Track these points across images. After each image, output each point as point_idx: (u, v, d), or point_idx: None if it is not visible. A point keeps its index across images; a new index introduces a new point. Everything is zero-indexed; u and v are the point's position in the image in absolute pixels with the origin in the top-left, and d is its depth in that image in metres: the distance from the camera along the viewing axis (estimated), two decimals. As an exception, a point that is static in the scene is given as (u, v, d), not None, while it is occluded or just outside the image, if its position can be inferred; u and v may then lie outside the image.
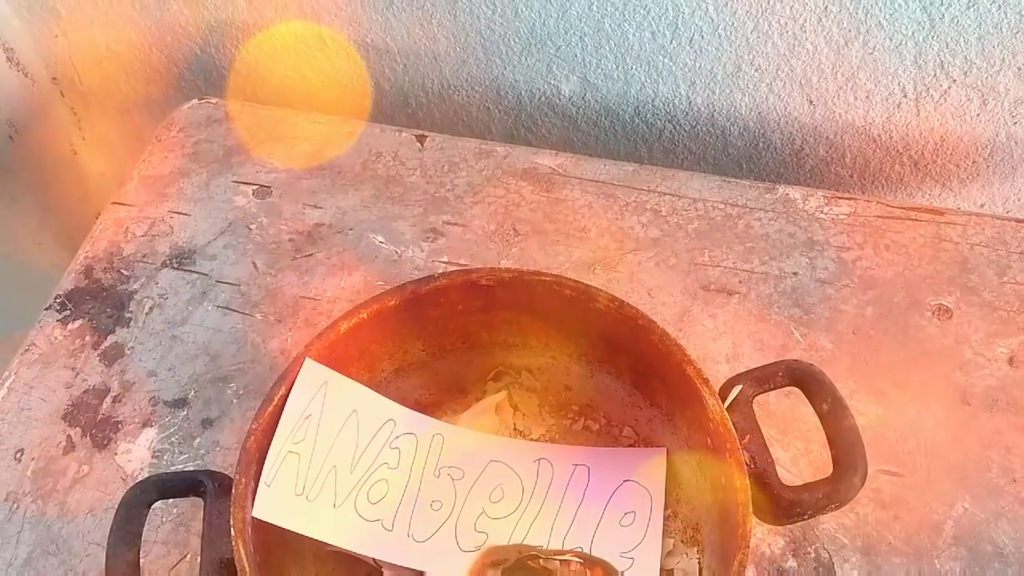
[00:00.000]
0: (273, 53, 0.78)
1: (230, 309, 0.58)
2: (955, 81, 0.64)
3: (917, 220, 0.61)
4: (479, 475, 0.50)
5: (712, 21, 0.65)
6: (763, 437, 0.43)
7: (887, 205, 0.62)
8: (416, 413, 0.50)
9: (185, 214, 0.63)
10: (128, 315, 0.58)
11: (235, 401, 0.55)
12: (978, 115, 0.66)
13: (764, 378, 0.44)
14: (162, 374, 0.56)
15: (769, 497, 0.41)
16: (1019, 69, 0.61)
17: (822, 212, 0.62)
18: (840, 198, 0.63)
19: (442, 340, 0.51)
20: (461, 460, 0.50)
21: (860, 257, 0.60)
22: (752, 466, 0.42)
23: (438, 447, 0.50)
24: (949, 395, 0.54)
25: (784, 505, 0.41)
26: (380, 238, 0.62)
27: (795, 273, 0.59)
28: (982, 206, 0.73)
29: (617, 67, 0.71)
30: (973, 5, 0.58)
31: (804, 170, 0.75)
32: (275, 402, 0.43)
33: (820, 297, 0.58)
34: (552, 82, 0.74)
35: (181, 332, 0.57)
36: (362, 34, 0.74)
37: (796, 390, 0.45)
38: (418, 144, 0.67)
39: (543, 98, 0.75)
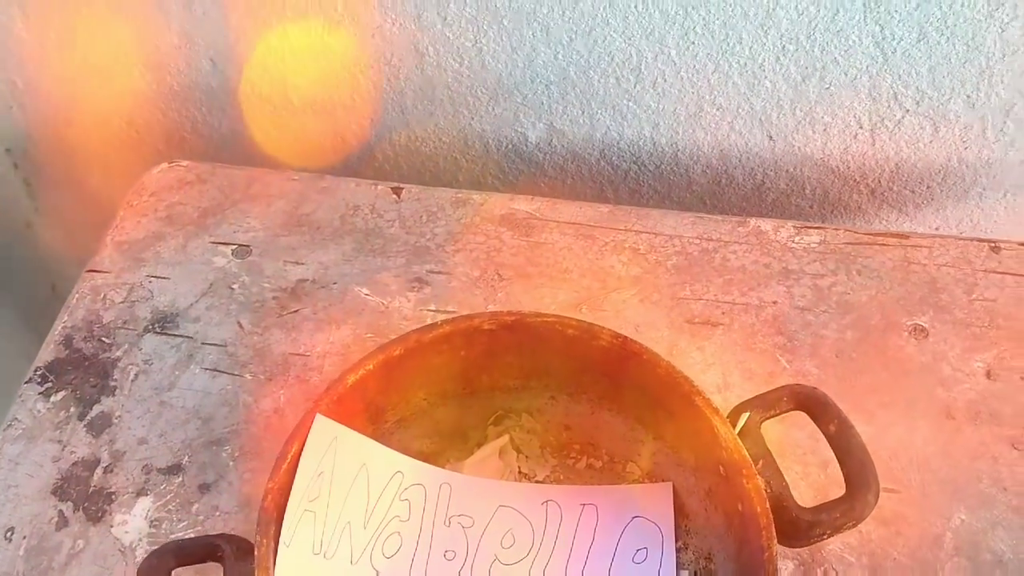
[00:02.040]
0: (236, 115, 0.78)
1: (218, 371, 0.58)
2: (908, 111, 0.67)
3: (884, 245, 0.64)
4: (489, 521, 0.50)
5: (674, 64, 0.67)
6: (775, 462, 0.44)
7: (855, 232, 0.65)
8: (423, 463, 0.50)
9: (164, 278, 0.62)
10: (113, 383, 0.57)
11: (231, 464, 0.54)
12: (931, 142, 0.69)
13: (769, 404, 0.45)
14: (153, 441, 0.54)
15: (788, 520, 0.42)
16: (968, 97, 0.65)
17: (793, 242, 0.64)
18: (809, 227, 0.65)
19: (444, 387, 0.51)
20: (470, 508, 0.50)
21: (835, 283, 0.62)
22: (769, 491, 0.42)
23: (446, 496, 0.50)
24: (934, 411, 0.55)
25: (803, 527, 0.42)
26: (365, 290, 0.62)
27: (774, 302, 0.61)
28: (936, 229, 0.76)
29: (582, 113, 0.72)
30: (923, 38, 0.61)
31: (766, 203, 0.77)
32: (289, 460, 0.43)
33: (801, 324, 0.60)
34: (519, 130, 0.75)
35: (169, 397, 0.56)
36: (329, 92, 0.75)
37: (790, 415, 0.46)
38: (395, 196, 0.67)
39: (510, 146, 0.76)
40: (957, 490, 0.52)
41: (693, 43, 0.65)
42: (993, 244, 0.63)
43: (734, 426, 0.45)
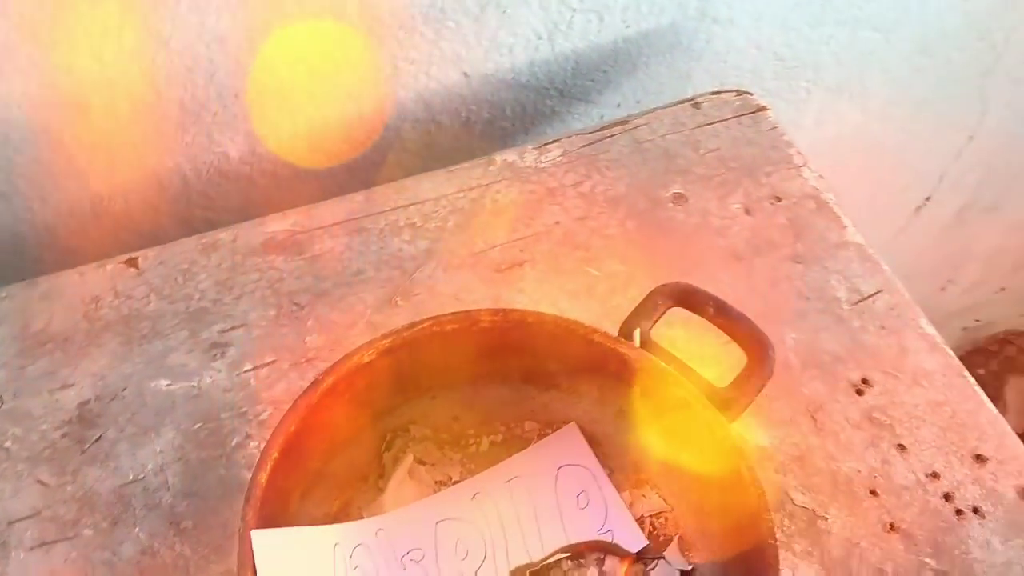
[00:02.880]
0: None
1: (48, 543, 0.48)
2: (576, 10, 0.71)
3: (612, 135, 0.68)
4: (435, 544, 0.48)
5: (361, 32, 0.65)
6: (684, 361, 0.46)
7: (583, 134, 0.68)
8: (351, 523, 0.47)
9: (-93, 476, 0.50)
10: (-78, 623, 0.45)
11: (127, 633, 0.46)
12: (599, 32, 0.74)
13: (649, 311, 0.48)
14: (17, 659, 0.45)
15: (720, 403, 0.45)
16: (623, -18, 0.70)
17: (541, 162, 0.66)
18: (547, 144, 0.67)
19: (334, 440, 0.47)
20: (413, 539, 0.48)
21: (594, 185, 0.65)
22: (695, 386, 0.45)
23: (387, 541, 0.47)
24: (726, 259, 0.62)
25: (734, 404, 0.45)
26: (164, 382, 0.54)
27: (557, 222, 0.63)
28: (618, 106, 0.83)
29: (280, 111, 0.68)
30: (577, -59, 0.65)
31: (474, 136, 0.79)
32: (254, 593, 0.38)
33: (588, 232, 0.63)
34: (217, 150, 0.68)
35: (5, 602, 0.46)
36: (-22, 185, 0.62)
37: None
38: (133, 269, 0.59)
39: (212, 169, 0.70)
40: (777, 317, 0.59)
41: (373, 6, 0.63)
42: (693, 101, 0.71)
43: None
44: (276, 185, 0.74)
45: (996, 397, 1.74)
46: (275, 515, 0.42)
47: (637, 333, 0.47)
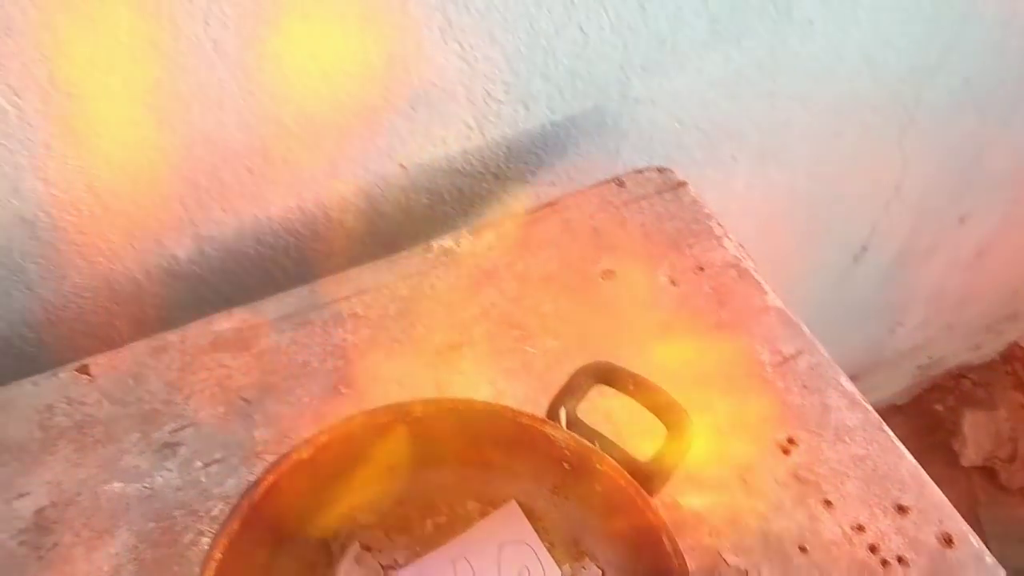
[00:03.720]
0: None
1: (6, 654, 0.49)
2: (502, 102, 0.75)
3: (542, 217, 0.72)
4: (384, 627, 0.50)
5: (297, 136, 0.68)
6: (607, 437, 0.49)
7: (516, 217, 0.72)
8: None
9: None
10: None
11: None
12: (527, 119, 0.78)
13: (574, 390, 0.51)
14: None
15: (642, 477, 0.48)
16: (542, 74, 0.74)
17: (476, 247, 0.70)
18: (482, 229, 0.71)
19: (279, 534, 0.50)
20: (362, 625, 0.50)
21: (528, 266, 0.69)
22: (618, 461, 0.48)
23: (336, 629, 0.49)
24: (655, 330, 0.65)
25: (656, 476, 0.48)
26: (117, 485, 0.56)
27: (493, 304, 0.66)
28: (552, 184, 0.87)
29: (225, 212, 0.71)
30: (494, 41, 0.69)
31: (416, 221, 0.82)
32: None
33: (524, 311, 0.66)
34: (165, 253, 0.71)
35: None
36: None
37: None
38: (86, 376, 0.61)
39: (162, 272, 0.72)
40: (706, 383, 0.62)
41: (309, 113, 0.67)
42: (618, 180, 0.75)
43: (558, 423, 0.49)
44: (227, 280, 0.76)
45: (954, 431, 1.78)
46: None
47: (563, 412, 0.50)
